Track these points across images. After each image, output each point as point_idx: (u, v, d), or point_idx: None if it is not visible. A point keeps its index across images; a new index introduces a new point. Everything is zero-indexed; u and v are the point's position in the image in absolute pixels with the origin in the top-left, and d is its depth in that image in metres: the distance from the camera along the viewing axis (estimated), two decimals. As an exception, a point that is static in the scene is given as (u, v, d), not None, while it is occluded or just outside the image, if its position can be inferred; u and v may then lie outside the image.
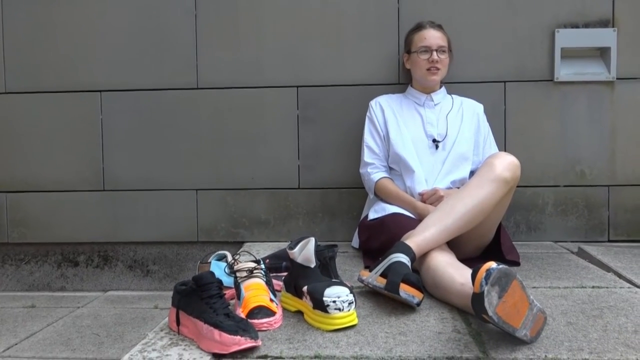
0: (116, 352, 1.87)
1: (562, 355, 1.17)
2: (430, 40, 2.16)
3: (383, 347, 1.23)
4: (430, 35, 2.17)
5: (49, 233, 2.64)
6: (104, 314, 2.29)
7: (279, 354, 1.20)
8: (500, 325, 1.15)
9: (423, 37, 2.18)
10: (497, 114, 2.46)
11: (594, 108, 2.45)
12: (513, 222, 2.48)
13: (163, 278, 2.65)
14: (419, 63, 2.19)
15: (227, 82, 2.54)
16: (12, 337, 2.04)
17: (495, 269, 1.14)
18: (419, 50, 2.18)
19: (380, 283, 1.49)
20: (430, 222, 1.65)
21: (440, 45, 2.16)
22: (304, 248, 1.45)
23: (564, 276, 1.82)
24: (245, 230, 2.57)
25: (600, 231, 2.48)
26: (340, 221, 2.54)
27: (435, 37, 2.17)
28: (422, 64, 2.17)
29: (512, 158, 1.70)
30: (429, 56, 2.16)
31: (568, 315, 1.42)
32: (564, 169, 2.47)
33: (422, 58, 2.17)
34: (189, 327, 1.33)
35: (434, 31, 2.18)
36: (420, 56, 2.18)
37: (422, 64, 2.18)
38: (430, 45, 2.16)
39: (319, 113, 2.52)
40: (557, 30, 2.43)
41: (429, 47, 2.16)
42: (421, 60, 2.17)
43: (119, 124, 2.59)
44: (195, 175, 2.57)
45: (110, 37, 2.58)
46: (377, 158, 2.24)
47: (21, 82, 2.61)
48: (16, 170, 2.63)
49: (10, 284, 2.70)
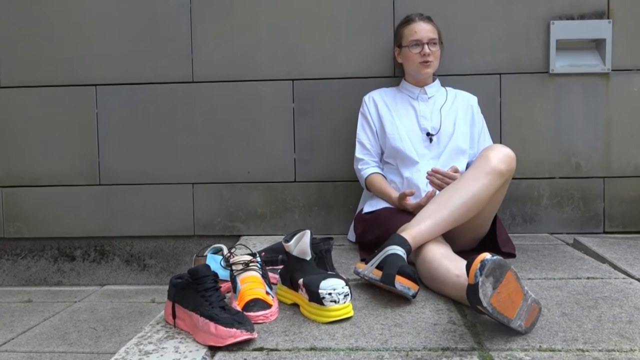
0: (113, 346, 1.87)
1: (557, 345, 1.18)
2: (420, 33, 2.15)
3: (379, 339, 1.24)
4: (421, 29, 2.15)
5: (45, 228, 2.63)
6: (100, 308, 2.30)
7: (275, 346, 1.21)
8: (495, 316, 1.15)
9: (413, 31, 2.16)
10: (493, 106, 2.46)
11: (590, 100, 2.46)
12: (509, 214, 2.49)
13: (160, 272, 2.65)
14: (410, 57, 2.18)
15: (223, 76, 2.54)
16: (8, 331, 2.04)
17: (490, 260, 1.14)
18: (410, 45, 2.16)
19: (376, 275, 1.49)
20: (426, 214, 1.65)
21: (431, 38, 2.15)
22: (299, 241, 1.46)
23: (559, 267, 1.83)
24: (241, 223, 2.57)
25: (595, 223, 2.49)
26: (336, 214, 2.54)
27: (425, 30, 2.16)
28: (414, 57, 2.17)
29: (507, 150, 1.70)
30: (420, 49, 2.15)
31: (563, 306, 1.43)
32: (559, 160, 2.48)
33: (414, 52, 2.16)
34: (185, 320, 1.33)
35: (424, 24, 2.17)
36: (411, 50, 2.17)
37: (414, 57, 2.17)
38: (421, 38, 2.14)
39: (314, 106, 2.52)
40: (552, 22, 2.43)
41: (420, 40, 2.14)
42: (413, 54, 2.17)
43: (115, 118, 2.58)
44: (192, 169, 2.57)
45: (105, 30, 2.56)
46: (367, 154, 2.25)
47: (16, 76, 2.60)
48: (12, 165, 2.62)
49: (6, 278, 2.69)
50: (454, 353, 1.15)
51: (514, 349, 1.16)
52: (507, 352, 1.15)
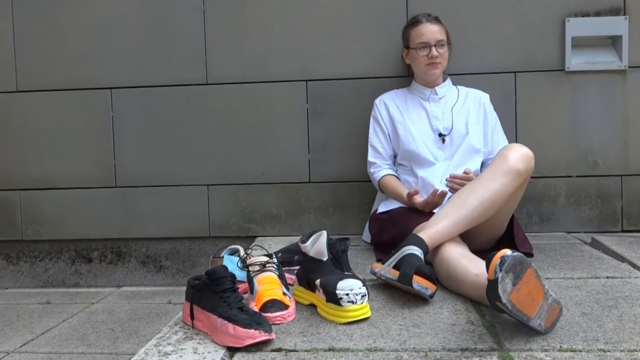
0: (131, 347, 1.89)
1: (578, 345, 1.17)
2: (427, 35, 2.12)
3: (397, 339, 1.23)
4: (428, 31, 2.13)
5: (63, 230, 2.66)
6: (118, 309, 2.31)
7: (293, 347, 1.21)
8: (514, 313, 1.14)
9: (420, 33, 2.14)
10: (508, 104, 2.44)
11: (606, 97, 2.43)
12: (525, 214, 2.47)
13: (176, 273, 2.66)
14: (418, 59, 2.16)
15: (237, 77, 2.55)
16: (28, 332, 2.07)
17: (510, 256, 1.13)
18: (417, 47, 2.14)
19: (393, 275, 1.49)
20: (443, 214, 1.64)
21: (439, 40, 2.12)
22: (316, 241, 1.46)
23: (578, 267, 1.81)
24: (256, 224, 2.58)
25: (613, 221, 2.46)
26: (351, 215, 2.54)
27: (432, 31, 2.13)
28: (422, 60, 2.14)
29: (525, 150, 1.68)
30: (427, 52, 2.12)
31: (582, 305, 1.42)
32: (576, 159, 2.45)
33: (421, 54, 2.14)
34: (203, 321, 1.34)
35: (431, 25, 2.14)
36: (419, 52, 2.14)
37: (421, 60, 2.15)
38: (428, 41, 2.12)
39: (328, 107, 2.52)
40: (567, 19, 2.40)
41: (427, 42, 2.12)
42: (420, 57, 2.14)
43: (130, 120, 2.60)
44: (206, 170, 2.58)
45: (119, 34, 2.59)
46: (379, 157, 2.24)
47: (32, 80, 2.63)
48: (29, 168, 2.65)
49: (25, 280, 2.73)
50: (473, 353, 1.15)
51: (534, 350, 1.15)
52: (527, 353, 1.14)
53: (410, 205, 1.99)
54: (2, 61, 2.63)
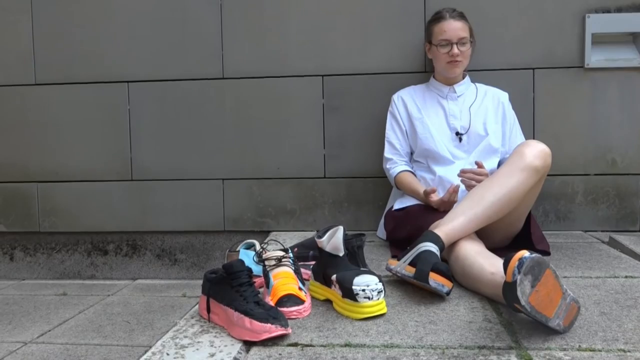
0: (147, 339, 1.90)
1: (597, 345, 1.15)
2: (449, 33, 2.09)
3: (413, 336, 1.23)
4: (450, 28, 2.10)
5: (79, 222, 2.68)
6: (133, 301, 2.33)
7: (310, 342, 1.21)
8: (533, 314, 1.13)
9: (443, 30, 2.11)
10: (526, 101, 2.42)
11: (626, 95, 2.40)
12: (542, 211, 2.45)
13: (190, 267, 2.68)
14: (439, 56, 2.14)
15: (253, 72, 2.55)
16: (45, 324, 2.09)
17: (528, 257, 1.12)
18: (439, 44, 2.12)
19: (409, 272, 1.48)
20: (459, 211, 1.63)
21: (461, 37, 2.10)
22: (332, 237, 1.45)
23: (596, 266, 1.79)
24: (271, 219, 2.58)
25: (631, 220, 2.43)
26: (366, 211, 2.53)
27: (455, 29, 2.09)
28: (443, 57, 2.12)
29: (542, 146, 1.67)
30: (449, 49, 2.10)
31: (601, 305, 1.40)
32: (594, 157, 2.42)
33: (442, 52, 2.12)
34: (219, 315, 1.34)
35: (454, 22, 2.10)
36: (440, 50, 2.12)
37: (442, 57, 2.13)
38: (450, 38, 2.09)
39: (344, 102, 2.51)
40: (587, 15, 2.37)
41: (449, 40, 2.09)
42: (441, 54, 2.12)
43: (147, 114, 2.61)
44: (222, 165, 2.59)
45: (137, 28, 2.60)
46: (396, 153, 2.23)
47: (50, 74, 2.65)
48: (47, 161, 2.68)
49: (42, 272, 2.76)
50: (490, 351, 1.14)
51: (552, 348, 1.14)
52: (546, 352, 1.13)
53: (426, 202, 1.98)
54: (21, 55, 2.66)
